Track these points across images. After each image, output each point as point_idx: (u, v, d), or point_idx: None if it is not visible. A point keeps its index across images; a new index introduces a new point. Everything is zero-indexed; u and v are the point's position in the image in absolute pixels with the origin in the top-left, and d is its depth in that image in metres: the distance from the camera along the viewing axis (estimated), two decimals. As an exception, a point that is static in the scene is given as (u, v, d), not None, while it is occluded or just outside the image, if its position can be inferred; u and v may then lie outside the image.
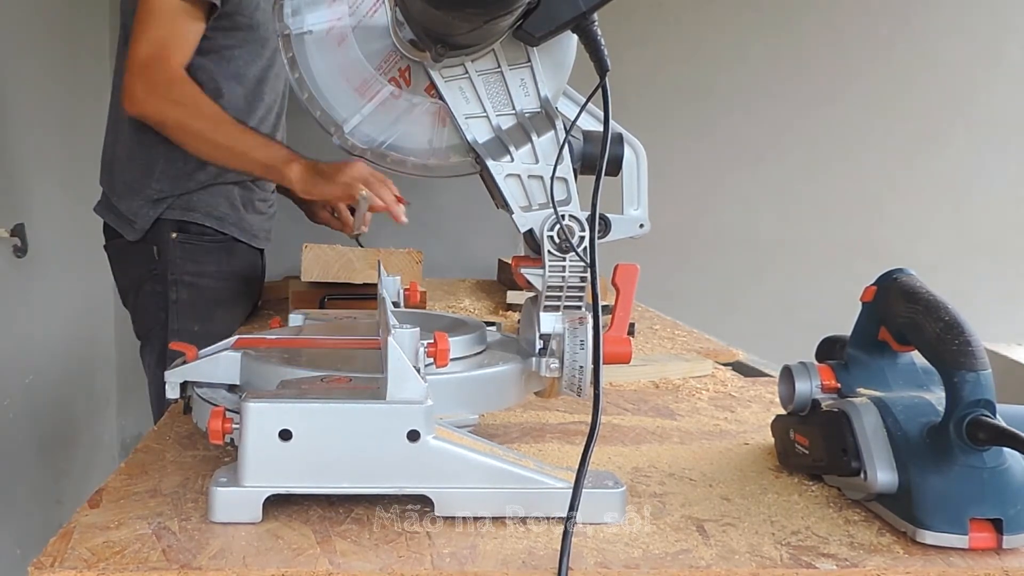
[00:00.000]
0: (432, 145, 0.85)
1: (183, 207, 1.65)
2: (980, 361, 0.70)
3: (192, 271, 1.66)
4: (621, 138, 0.89)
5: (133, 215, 1.66)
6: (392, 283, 1.25)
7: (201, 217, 1.66)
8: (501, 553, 0.65)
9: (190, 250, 1.66)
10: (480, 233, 2.71)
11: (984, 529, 0.68)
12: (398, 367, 0.68)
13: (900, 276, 0.81)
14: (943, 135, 2.99)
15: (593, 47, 0.79)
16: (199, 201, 1.66)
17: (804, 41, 2.92)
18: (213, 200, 1.68)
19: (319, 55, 0.82)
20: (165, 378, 0.84)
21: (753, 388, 1.27)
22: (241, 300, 1.77)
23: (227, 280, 1.71)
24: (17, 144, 2.16)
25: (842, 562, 0.66)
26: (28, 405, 2.22)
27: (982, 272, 3.00)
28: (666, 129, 2.83)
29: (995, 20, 2.97)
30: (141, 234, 1.66)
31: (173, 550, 0.63)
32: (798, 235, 2.98)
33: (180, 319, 1.66)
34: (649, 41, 2.83)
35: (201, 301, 1.67)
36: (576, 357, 0.81)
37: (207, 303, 1.67)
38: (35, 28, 2.20)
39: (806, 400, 0.84)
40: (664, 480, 0.84)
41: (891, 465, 0.72)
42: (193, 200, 1.66)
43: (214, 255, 1.69)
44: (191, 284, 1.66)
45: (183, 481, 0.78)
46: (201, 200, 1.66)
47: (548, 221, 0.83)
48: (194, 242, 1.66)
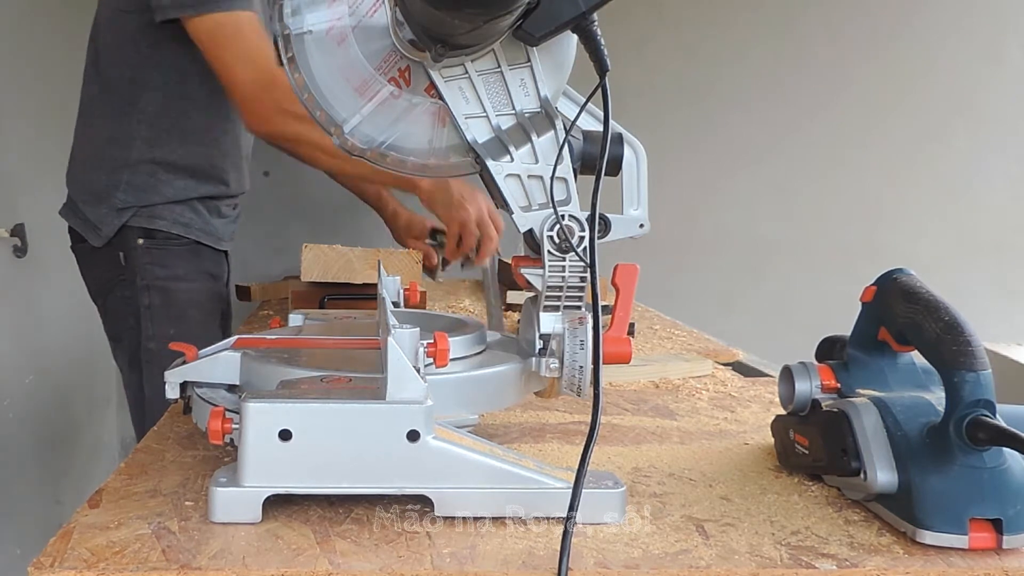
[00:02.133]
0: (432, 145, 0.84)
1: (149, 215, 1.66)
2: (980, 361, 0.70)
3: (162, 275, 1.67)
4: (621, 138, 0.89)
5: (99, 222, 1.67)
6: (392, 283, 1.25)
7: (167, 225, 1.68)
8: (501, 553, 0.65)
9: (158, 255, 1.67)
10: (480, 233, 2.70)
11: (984, 529, 0.68)
12: (398, 367, 0.68)
13: (900, 276, 0.81)
14: (943, 135, 2.99)
15: (593, 47, 0.78)
16: (165, 210, 1.67)
17: (804, 41, 2.91)
18: (179, 208, 1.69)
19: (319, 55, 0.82)
20: (165, 378, 0.84)
21: (753, 388, 1.27)
22: (214, 300, 1.79)
23: (197, 281, 1.72)
24: (17, 144, 2.16)
25: (842, 562, 0.66)
26: (28, 405, 2.22)
27: (982, 272, 3.00)
28: (666, 129, 2.82)
29: (995, 20, 2.97)
30: (106, 240, 1.67)
31: (173, 550, 0.63)
32: (798, 235, 2.97)
33: (155, 324, 1.66)
34: (649, 41, 2.83)
35: (174, 304, 1.68)
36: (576, 357, 0.81)
37: (180, 305, 1.68)
38: (35, 28, 2.20)
39: (806, 400, 0.84)
40: (664, 480, 0.84)
41: (891, 465, 0.72)
42: (158, 210, 1.67)
43: (182, 258, 1.70)
44: (162, 288, 1.67)
45: (183, 481, 0.78)
46: (167, 209, 1.67)
47: (548, 221, 0.83)
48: (161, 247, 1.67)
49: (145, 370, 1.70)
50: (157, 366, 1.62)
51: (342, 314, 1.25)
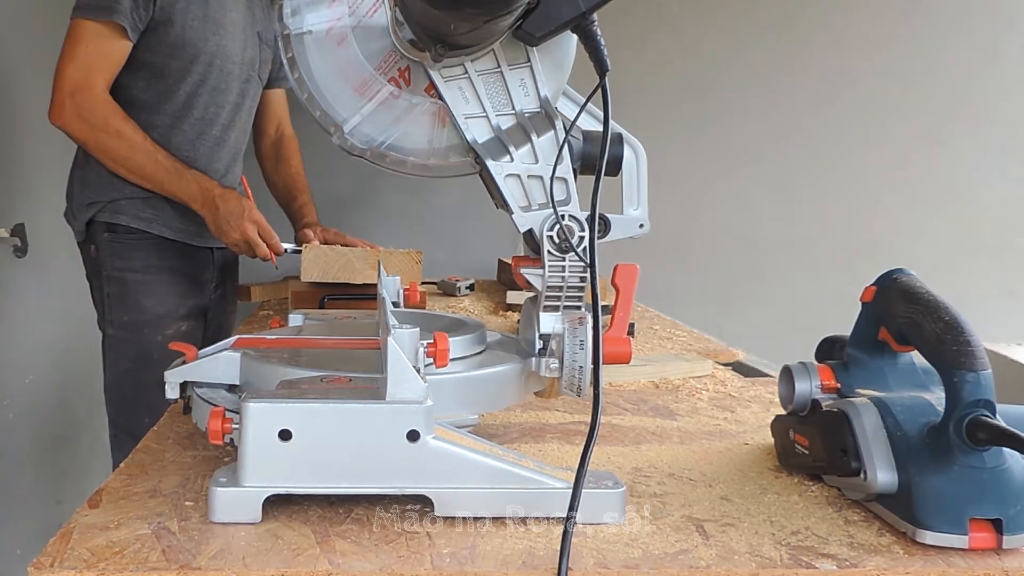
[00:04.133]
0: (432, 145, 0.85)
1: (112, 211, 1.78)
2: (980, 361, 0.70)
3: (119, 267, 1.79)
4: (621, 138, 0.89)
5: (73, 218, 1.83)
6: (392, 283, 1.25)
7: (128, 220, 1.79)
8: (501, 553, 0.65)
9: (117, 248, 1.79)
10: (480, 233, 2.71)
11: (984, 529, 0.68)
12: (398, 367, 0.68)
13: (900, 276, 0.81)
14: (943, 135, 2.99)
15: (593, 47, 0.79)
16: (127, 206, 1.79)
17: (804, 41, 2.91)
18: (139, 204, 1.79)
19: (319, 55, 0.82)
20: (165, 378, 0.84)
21: (753, 388, 1.27)
22: (172, 294, 1.84)
23: (154, 274, 1.81)
24: (17, 144, 2.16)
25: (842, 562, 0.66)
26: (28, 405, 2.22)
27: (982, 272, 3.00)
28: (665, 129, 2.82)
29: (995, 20, 2.97)
30: (82, 236, 1.82)
31: (173, 550, 0.63)
32: (798, 235, 2.97)
33: (112, 311, 1.80)
34: (648, 41, 2.83)
35: (129, 294, 1.79)
36: (576, 357, 0.81)
37: (134, 295, 1.79)
38: (35, 28, 2.20)
39: (806, 400, 0.84)
40: (664, 480, 0.84)
41: (891, 465, 0.72)
42: (121, 205, 1.78)
43: (141, 252, 1.81)
44: (119, 279, 1.80)
45: (183, 481, 0.78)
46: (129, 204, 1.78)
47: (548, 221, 0.83)
48: (121, 240, 1.79)
49: (106, 354, 1.82)
50: (114, 350, 1.79)
51: (342, 314, 1.25)
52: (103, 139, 1.69)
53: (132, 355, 1.77)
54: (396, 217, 2.74)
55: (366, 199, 2.73)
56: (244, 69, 1.87)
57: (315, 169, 2.24)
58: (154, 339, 1.77)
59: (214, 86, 1.81)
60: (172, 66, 1.75)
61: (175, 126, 1.79)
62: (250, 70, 1.89)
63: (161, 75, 1.75)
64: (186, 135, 1.80)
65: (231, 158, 1.92)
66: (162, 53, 1.73)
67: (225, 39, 1.80)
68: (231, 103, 1.86)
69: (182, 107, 1.78)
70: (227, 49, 1.80)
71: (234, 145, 1.92)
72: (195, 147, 1.82)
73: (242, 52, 1.85)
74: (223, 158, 1.89)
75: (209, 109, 1.82)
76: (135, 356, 1.77)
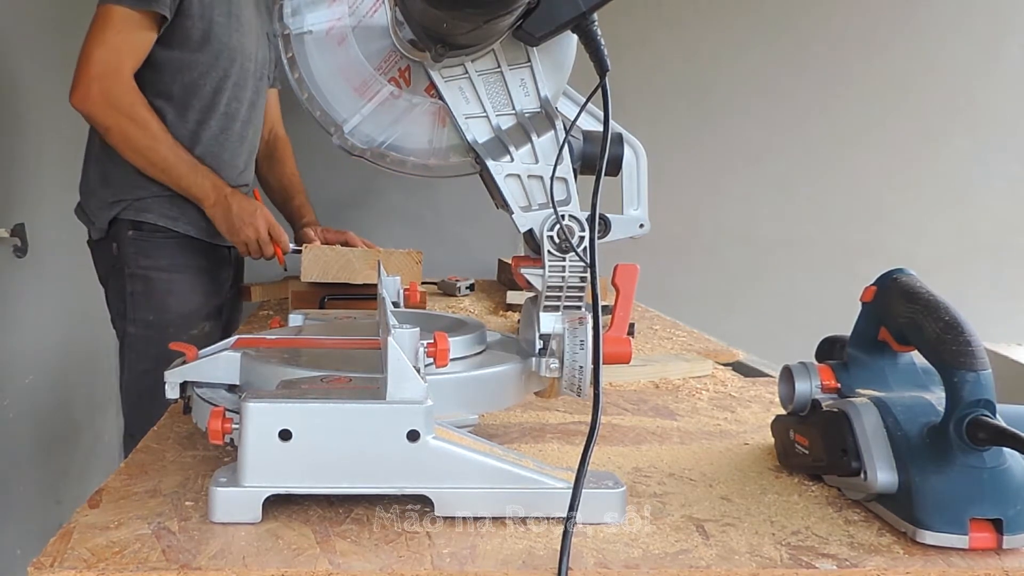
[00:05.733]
0: (432, 145, 0.85)
1: (138, 209, 1.76)
2: (980, 361, 0.70)
3: (144, 265, 1.77)
4: (621, 138, 0.89)
5: (93, 215, 1.79)
6: (392, 283, 1.25)
7: (155, 218, 1.77)
8: (501, 553, 0.65)
9: (143, 246, 1.77)
10: (480, 233, 2.71)
11: (984, 529, 0.68)
12: (398, 367, 0.68)
13: (900, 276, 0.81)
14: (943, 135, 2.99)
15: (593, 47, 0.79)
16: (153, 204, 1.76)
17: (804, 41, 2.91)
18: (167, 202, 1.77)
19: (319, 55, 0.82)
20: (165, 378, 0.84)
21: (753, 388, 1.27)
22: (198, 292, 1.84)
23: (180, 273, 1.80)
24: (17, 144, 2.16)
25: (842, 562, 0.66)
26: (28, 405, 2.22)
27: (982, 272, 3.00)
28: (666, 129, 2.83)
29: (995, 20, 2.97)
30: (102, 233, 1.79)
31: (173, 550, 0.63)
32: (798, 235, 2.97)
33: (136, 310, 1.77)
34: (649, 41, 2.83)
35: (154, 293, 1.77)
36: (576, 357, 0.81)
37: (159, 294, 1.78)
38: (35, 28, 2.20)
39: (806, 400, 0.84)
40: (664, 480, 0.84)
41: (891, 465, 0.72)
42: (148, 203, 1.76)
43: (167, 250, 1.79)
44: (144, 277, 1.77)
45: (183, 481, 0.78)
46: (156, 203, 1.76)
47: (548, 221, 0.83)
48: (147, 239, 1.78)
49: (125, 353, 1.80)
50: (134, 350, 1.77)
51: (342, 314, 1.25)
52: (127, 126, 1.67)
53: (154, 354, 1.74)
54: (396, 217, 2.74)
55: (366, 199, 2.73)
56: (258, 67, 1.88)
57: (315, 169, 2.24)
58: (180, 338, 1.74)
59: (236, 82, 1.81)
60: (200, 60, 1.74)
61: (204, 121, 1.79)
62: (263, 68, 1.90)
63: (188, 69, 1.74)
64: (212, 130, 1.80)
65: (248, 155, 1.93)
66: (189, 48, 1.73)
67: (244, 36, 1.80)
68: (248, 100, 1.87)
69: (209, 102, 1.78)
70: (246, 47, 1.82)
71: (251, 142, 1.93)
72: (220, 143, 1.82)
73: (256, 50, 1.86)
74: (243, 154, 1.90)
75: (232, 105, 1.82)
76: (157, 355, 1.74)
